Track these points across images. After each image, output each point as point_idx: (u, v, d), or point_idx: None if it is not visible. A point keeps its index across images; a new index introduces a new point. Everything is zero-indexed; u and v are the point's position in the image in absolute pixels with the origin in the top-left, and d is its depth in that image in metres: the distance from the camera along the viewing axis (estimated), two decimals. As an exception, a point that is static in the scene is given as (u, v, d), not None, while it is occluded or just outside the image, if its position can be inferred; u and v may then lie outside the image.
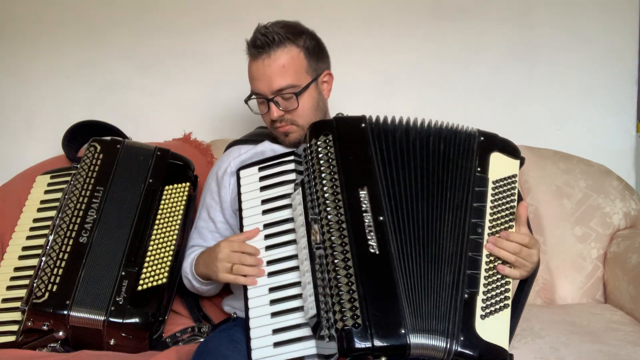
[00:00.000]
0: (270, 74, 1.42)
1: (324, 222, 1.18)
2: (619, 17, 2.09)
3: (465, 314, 1.13)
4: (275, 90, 1.42)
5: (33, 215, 1.63)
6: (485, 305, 1.15)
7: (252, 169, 1.40)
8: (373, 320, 1.07)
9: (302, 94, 1.44)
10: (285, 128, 1.47)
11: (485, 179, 1.27)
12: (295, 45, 1.44)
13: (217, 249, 1.34)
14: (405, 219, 1.20)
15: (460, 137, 1.32)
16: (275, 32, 1.42)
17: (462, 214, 1.23)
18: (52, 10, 2.11)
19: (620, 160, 2.10)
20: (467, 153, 1.30)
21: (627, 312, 1.68)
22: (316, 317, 1.14)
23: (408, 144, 1.29)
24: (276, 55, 1.41)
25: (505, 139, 1.36)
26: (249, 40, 1.45)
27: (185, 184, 1.65)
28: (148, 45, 2.11)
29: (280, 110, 1.44)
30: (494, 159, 1.30)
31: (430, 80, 2.11)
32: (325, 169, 1.24)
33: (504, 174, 1.30)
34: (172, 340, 1.50)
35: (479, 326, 1.13)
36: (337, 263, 1.13)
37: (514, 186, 1.29)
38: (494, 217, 1.24)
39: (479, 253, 1.20)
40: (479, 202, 1.24)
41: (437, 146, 1.29)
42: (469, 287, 1.16)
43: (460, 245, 1.19)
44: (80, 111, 2.01)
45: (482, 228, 1.22)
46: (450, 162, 1.28)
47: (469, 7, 2.10)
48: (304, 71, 1.45)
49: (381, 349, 1.06)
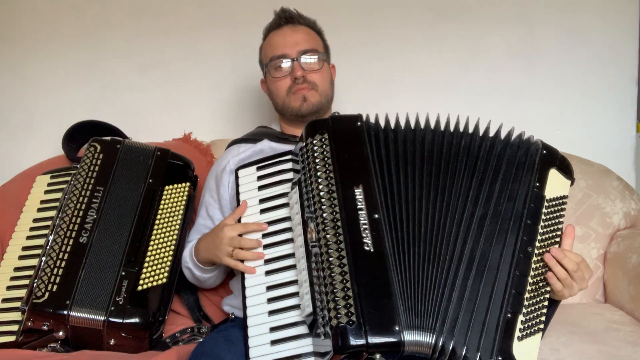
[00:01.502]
0: (297, 38, 1.54)
1: (320, 220, 1.18)
2: (619, 17, 2.09)
3: (505, 335, 1.12)
4: (302, 50, 1.52)
5: (33, 215, 1.63)
6: (523, 327, 1.14)
7: (250, 168, 1.40)
8: (367, 318, 1.07)
9: (325, 60, 1.55)
10: (305, 90, 1.51)
11: (542, 197, 1.24)
12: (314, 30, 1.59)
13: (221, 233, 1.34)
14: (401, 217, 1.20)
15: (520, 145, 1.30)
16: (297, 14, 1.58)
17: (517, 231, 1.20)
18: (52, 11, 2.11)
19: (620, 160, 2.10)
20: (524, 162, 1.27)
21: (627, 312, 1.68)
22: (312, 315, 1.14)
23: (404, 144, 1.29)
24: (300, 27, 1.56)
25: (564, 157, 1.33)
26: (268, 24, 1.58)
27: (185, 184, 1.65)
28: (148, 46, 2.11)
29: (304, 70, 1.51)
30: (552, 175, 1.27)
31: (430, 80, 2.11)
32: (320, 167, 1.24)
33: (558, 193, 1.27)
34: (172, 341, 1.50)
35: (516, 348, 1.12)
36: (332, 261, 1.13)
37: (564, 207, 1.27)
38: (544, 238, 1.22)
39: (526, 274, 1.18)
40: (533, 219, 1.22)
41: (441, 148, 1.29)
42: (513, 308, 1.15)
43: (508, 261, 1.18)
44: (80, 111, 2.00)
45: (532, 247, 1.20)
46: (516, 170, 1.26)
47: (469, 7, 2.10)
48: (322, 47, 1.58)
49: (375, 346, 1.06)
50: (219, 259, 1.36)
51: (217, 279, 1.57)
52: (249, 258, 1.29)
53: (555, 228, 1.24)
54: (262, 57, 1.62)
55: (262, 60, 1.61)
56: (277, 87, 1.55)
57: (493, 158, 1.28)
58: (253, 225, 1.31)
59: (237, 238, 1.31)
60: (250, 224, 1.32)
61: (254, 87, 2.01)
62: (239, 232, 1.32)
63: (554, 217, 1.25)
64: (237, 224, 1.33)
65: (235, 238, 1.31)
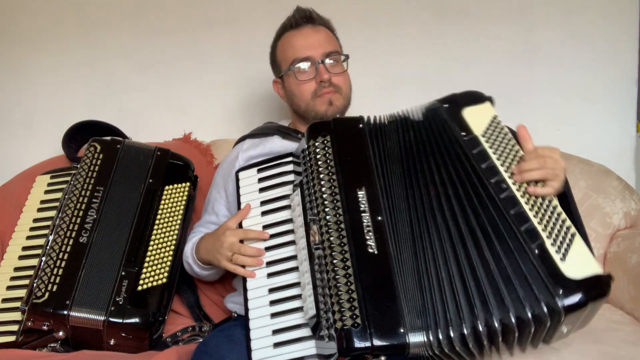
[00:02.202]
0: (320, 39, 1.50)
1: (323, 223, 1.18)
2: (619, 17, 2.09)
3: (548, 268, 1.07)
4: (326, 52, 1.49)
5: (33, 215, 1.63)
6: (557, 247, 1.10)
7: (251, 170, 1.40)
8: (372, 320, 1.07)
9: (347, 62, 1.53)
10: (331, 94, 1.49)
11: (474, 138, 1.25)
12: (331, 30, 1.57)
13: (223, 237, 1.34)
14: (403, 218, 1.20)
15: (430, 118, 1.31)
16: (316, 14, 1.53)
17: (483, 181, 1.19)
18: (52, 11, 2.11)
19: (620, 160, 2.10)
20: (444, 127, 1.28)
21: (627, 312, 1.68)
22: (316, 318, 1.14)
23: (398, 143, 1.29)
24: (321, 28, 1.53)
25: (464, 91, 1.35)
26: (285, 22, 1.53)
27: (185, 184, 1.65)
28: (148, 46, 2.11)
29: (330, 73, 1.48)
30: (467, 115, 1.29)
31: (430, 80, 2.11)
32: (323, 169, 1.25)
33: (486, 121, 1.28)
34: (172, 340, 1.50)
35: (566, 269, 1.07)
36: (335, 263, 1.13)
37: (502, 125, 1.28)
38: (507, 165, 1.21)
39: (518, 205, 1.15)
40: (484, 161, 1.21)
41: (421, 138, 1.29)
42: (533, 241, 1.11)
43: (500, 209, 1.16)
44: (80, 111, 2.00)
45: (505, 183, 1.18)
46: (435, 147, 1.26)
47: (469, 7, 2.10)
48: (342, 50, 1.56)
49: (380, 349, 1.05)
50: (217, 261, 1.36)
51: (216, 275, 1.58)
52: (248, 264, 1.30)
53: (510, 146, 1.24)
54: (279, 57, 1.56)
55: (280, 61, 1.55)
56: (301, 90, 1.50)
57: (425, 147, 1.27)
58: (254, 232, 1.31)
59: (238, 244, 1.31)
60: (251, 231, 1.32)
61: (254, 87, 2.01)
62: (240, 237, 1.32)
63: (501, 141, 1.25)
64: (239, 230, 1.33)
65: (235, 244, 1.31)
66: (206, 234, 1.46)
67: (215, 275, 1.57)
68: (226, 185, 1.57)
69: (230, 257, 1.32)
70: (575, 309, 1.05)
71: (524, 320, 1.07)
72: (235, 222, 1.35)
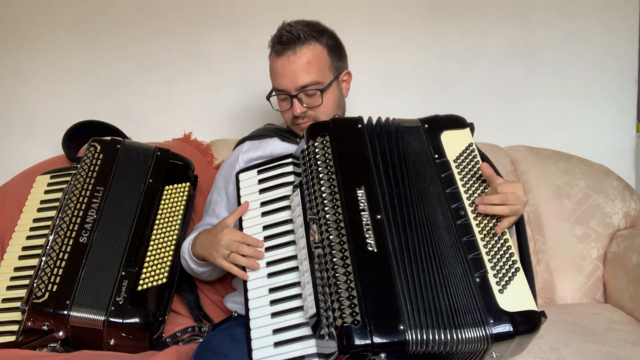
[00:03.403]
0: (295, 70, 1.44)
1: (322, 222, 1.19)
2: (619, 17, 2.09)
3: (484, 297, 1.13)
4: (300, 86, 1.44)
5: (33, 215, 1.63)
6: (498, 279, 1.15)
7: (251, 172, 1.41)
8: (372, 317, 1.07)
9: (326, 91, 1.46)
10: (307, 124, 1.46)
11: (446, 162, 1.28)
12: (319, 43, 1.47)
13: (221, 234, 1.34)
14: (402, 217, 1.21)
15: (413, 130, 1.33)
16: (300, 29, 1.45)
17: (443, 204, 1.23)
18: (53, 11, 2.11)
19: (620, 160, 2.10)
20: (422, 145, 1.31)
21: (627, 312, 1.68)
22: (316, 316, 1.15)
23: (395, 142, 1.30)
24: (301, 52, 1.44)
25: (447, 115, 1.36)
26: (273, 37, 1.48)
27: (185, 184, 1.65)
28: (149, 46, 2.11)
29: (304, 106, 1.46)
30: (445, 138, 1.31)
31: (430, 80, 2.11)
32: (322, 169, 1.25)
33: (461, 148, 1.30)
34: (172, 340, 1.50)
35: (502, 301, 1.13)
36: (335, 262, 1.13)
37: (475, 154, 1.30)
38: (470, 193, 1.25)
39: (472, 234, 1.20)
40: (450, 187, 1.25)
41: (410, 142, 1.31)
42: (477, 270, 1.16)
43: (453, 234, 1.20)
44: (80, 111, 2.00)
45: (464, 210, 1.23)
46: (420, 157, 1.29)
47: (469, 8, 2.10)
48: (327, 69, 1.48)
49: (380, 346, 1.06)
50: (213, 258, 1.36)
51: (212, 274, 1.57)
52: (244, 264, 1.30)
53: (478, 176, 1.27)
54: (269, 74, 1.54)
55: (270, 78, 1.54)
56: (282, 113, 1.53)
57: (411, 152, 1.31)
58: (251, 239, 1.31)
59: (236, 243, 1.31)
60: (249, 237, 1.32)
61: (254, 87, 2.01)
62: (238, 240, 1.32)
63: (470, 169, 1.28)
64: (237, 232, 1.33)
65: (233, 242, 1.32)
66: (204, 230, 1.46)
67: (211, 274, 1.57)
68: (227, 187, 1.57)
69: (227, 255, 1.32)
70: (502, 338, 1.10)
71: (459, 340, 1.10)
72: (234, 219, 1.36)
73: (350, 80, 1.58)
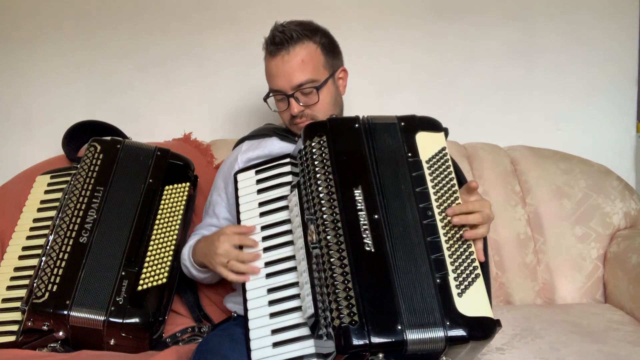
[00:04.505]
0: (290, 70, 1.45)
1: (320, 222, 1.19)
2: (619, 18, 2.09)
3: (443, 299, 1.13)
4: (296, 85, 1.45)
5: (33, 215, 1.63)
6: (458, 282, 1.16)
7: (249, 172, 1.41)
8: (370, 317, 1.08)
9: (322, 89, 1.46)
10: (305, 124, 1.46)
11: (418, 162, 1.28)
12: (313, 42, 1.48)
13: (217, 242, 1.34)
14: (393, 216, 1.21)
15: (389, 127, 1.33)
16: (293, 29, 1.46)
17: (412, 203, 1.23)
18: (53, 11, 2.11)
19: (620, 160, 2.10)
20: (396, 142, 1.31)
21: (627, 312, 1.68)
22: (314, 316, 1.15)
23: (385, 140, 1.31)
24: (295, 51, 1.45)
25: (424, 116, 1.36)
26: (266, 39, 1.49)
27: (185, 184, 1.65)
28: (148, 46, 2.11)
29: (300, 105, 1.46)
30: (419, 139, 1.31)
31: (430, 81, 2.11)
32: (320, 169, 1.25)
33: (434, 150, 1.31)
34: (172, 340, 1.50)
35: (460, 304, 1.13)
36: (333, 262, 1.13)
37: (447, 158, 1.30)
38: (439, 195, 1.25)
39: (436, 235, 1.20)
40: (420, 186, 1.25)
41: (387, 140, 1.31)
42: (438, 271, 1.16)
43: (420, 233, 1.20)
44: (80, 111, 2.00)
45: (431, 211, 1.23)
46: (394, 154, 1.29)
47: (469, 8, 2.10)
48: (321, 66, 1.48)
49: (378, 346, 1.06)
50: (212, 266, 1.37)
51: (214, 278, 1.57)
52: (243, 271, 1.30)
53: (448, 180, 1.27)
54: (265, 75, 1.55)
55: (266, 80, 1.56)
56: (280, 114, 1.54)
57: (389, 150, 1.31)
58: (249, 240, 1.32)
59: (234, 251, 1.32)
60: (247, 238, 1.32)
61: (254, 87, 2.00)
62: (235, 244, 1.32)
63: (441, 172, 1.28)
64: (234, 236, 1.34)
65: (231, 251, 1.32)
66: (203, 237, 1.47)
67: (213, 279, 1.57)
68: (227, 187, 1.58)
69: (226, 263, 1.32)
70: (456, 341, 1.10)
71: (414, 340, 1.10)
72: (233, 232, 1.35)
73: (347, 78, 1.58)
